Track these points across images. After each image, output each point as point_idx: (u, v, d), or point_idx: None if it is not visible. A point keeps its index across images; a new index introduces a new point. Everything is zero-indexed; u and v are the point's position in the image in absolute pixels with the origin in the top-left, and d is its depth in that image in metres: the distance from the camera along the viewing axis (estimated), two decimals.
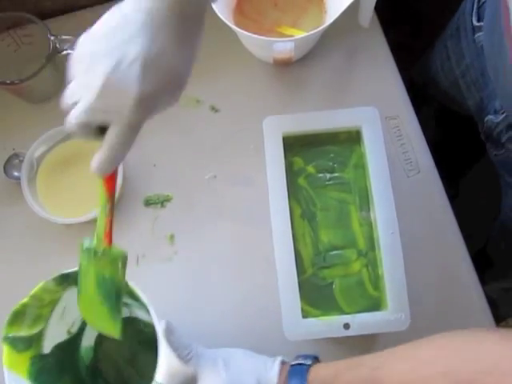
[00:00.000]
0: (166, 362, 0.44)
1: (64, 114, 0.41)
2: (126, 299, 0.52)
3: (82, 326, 0.56)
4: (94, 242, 0.45)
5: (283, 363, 0.47)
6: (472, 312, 0.60)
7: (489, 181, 0.73)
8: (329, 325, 0.51)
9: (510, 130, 0.57)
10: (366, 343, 0.58)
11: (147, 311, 0.48)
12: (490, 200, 0.76)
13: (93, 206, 0.59)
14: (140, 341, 0.57)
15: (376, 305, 0.53)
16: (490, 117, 0.60)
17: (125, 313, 0.55)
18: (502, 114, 0.58)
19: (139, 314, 0.55)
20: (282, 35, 0.65)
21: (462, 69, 0.66)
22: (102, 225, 0.44)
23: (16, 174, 0.64)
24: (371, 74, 0.68)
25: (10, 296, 0.56)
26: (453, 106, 0.76)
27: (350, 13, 0.59)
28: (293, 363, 0.46)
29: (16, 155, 0.65)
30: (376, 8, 0.64)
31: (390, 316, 0.52)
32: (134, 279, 0.61)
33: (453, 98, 0.73)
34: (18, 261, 0.63)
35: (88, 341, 0.57)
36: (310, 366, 0.45)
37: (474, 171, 0.95)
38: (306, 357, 0.47)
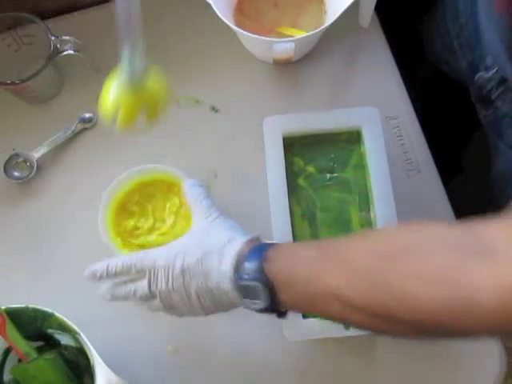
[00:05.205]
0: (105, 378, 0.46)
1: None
2: (50, 330, 0.53)
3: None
4: None
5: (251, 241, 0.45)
6: None
7: (487, 179, 0.72)
8: (329, 325, 0.51)
9: (501, 86, 0.57)
10: (366, 343, 0.58)
11: (71, 337, 0.51)
12: (489, 199, 0.76)
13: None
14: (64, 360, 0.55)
15: None
16: (481, 73, 0.60)
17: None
18: (493, 69, 0.58)
19: (60, 339, 0.56)
20: (282, 35, 0.65)
21: (457, 29, 0.66)
22: None
23: (16, 174, 0.64)
24: (371, 74, 0.68)
25: (10, 297, 0.56)
26: (445, 70, 0.75)
27: (350, 13, 0.59)
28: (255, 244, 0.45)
29: (16, 155, 0.65)
30: (376, 8, 0.64)
31: None
32: None
33: (446, 61, 0.72)
34: (18, 261, 0.62)
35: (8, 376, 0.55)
36: (271, 244, 0.44)
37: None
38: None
